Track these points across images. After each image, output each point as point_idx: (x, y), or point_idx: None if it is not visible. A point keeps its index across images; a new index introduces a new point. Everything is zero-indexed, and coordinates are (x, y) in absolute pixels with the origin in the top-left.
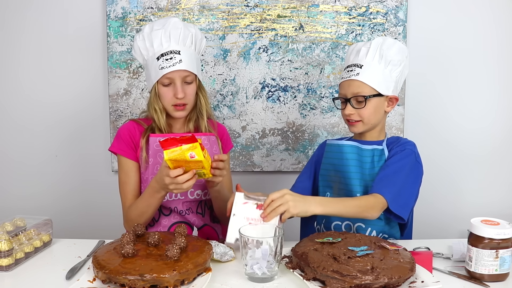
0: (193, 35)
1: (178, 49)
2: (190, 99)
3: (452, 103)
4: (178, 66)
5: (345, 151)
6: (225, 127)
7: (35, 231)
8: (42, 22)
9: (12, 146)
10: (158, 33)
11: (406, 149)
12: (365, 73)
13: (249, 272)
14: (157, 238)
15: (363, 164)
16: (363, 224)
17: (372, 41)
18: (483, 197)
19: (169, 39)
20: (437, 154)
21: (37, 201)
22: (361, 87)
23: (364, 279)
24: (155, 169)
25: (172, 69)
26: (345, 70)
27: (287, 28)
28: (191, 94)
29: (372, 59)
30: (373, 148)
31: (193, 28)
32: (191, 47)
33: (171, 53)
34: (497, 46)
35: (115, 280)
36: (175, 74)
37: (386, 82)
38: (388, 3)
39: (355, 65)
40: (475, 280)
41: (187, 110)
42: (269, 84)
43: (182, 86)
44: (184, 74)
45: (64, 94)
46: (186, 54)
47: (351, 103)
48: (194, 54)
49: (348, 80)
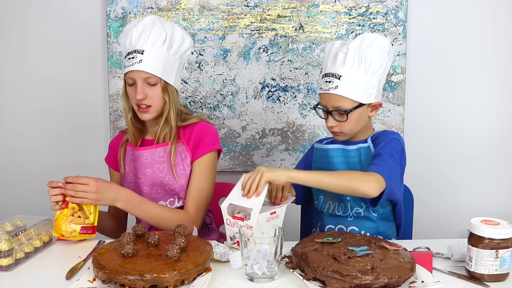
0: (168, 35)
1: (142, 48)
2: (154, 102)
3: (452, 103)
4: (136, 66)
5: (331, 155)
6: (209, 128)
7: (35, 231)
8: (42, 22)
9: (12, 146)
10: (130, 31)
11: (389, 137)
12: (344, 85)
13: (249, 272)
14: (157, 238)
15: (351, 165)
16: (356, 227)
17: (350, 44)
18: (483, 197)
19: (138, 38)
20: (437, 154)
21: (37, 201)
22: (341, 101)
23: (364, 279)
24: (129, 178)
25: (130, 68)
26: (323, 79)
27: (287, 28)
28: (155, 96)
29: (351, 67)
30: (359, 147)
31: (171, 28)
32: (162, 47)
33: (134, 52)
34: (497, 46)
35: (115, 280)
36: (135, 74)
37: (367, 90)
38: (388, 3)
39: (333, 75)
40: (475, 280)
41: (152, 113)
42: (269, 84)
43: (143, 87)
44: (145, 75)
45: (64, 94)
46: (151, 55)
47: (333, 116)
48: (165, 55)
49: (327, 93)
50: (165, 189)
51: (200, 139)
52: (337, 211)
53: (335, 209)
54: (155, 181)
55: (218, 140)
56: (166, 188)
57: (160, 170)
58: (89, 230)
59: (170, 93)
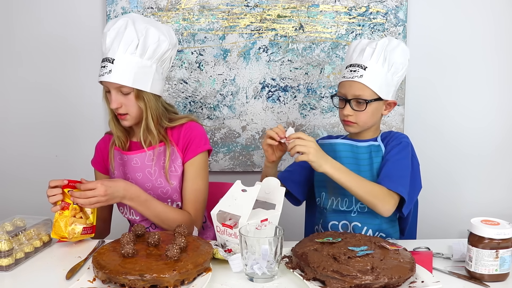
0: (141, 40)
1: (113, 57)
2: (130, 110)
3: (452, 103)
4: (106, 77)
5: (338, 149)
6: (197, 129)
7: (35, 231)
8: (42, 21)
9: (12, 146)
10: (105, 35)
11: (402, 142)
12: (369, 76)
13: (249, 272)
14: (157, 238)
15: (360, 161)
16: (359, 223)
17: (378, 41)
18: (483, 197)
19: (111, 43)
20: (437, 153)
21: (37, 201)
22: (363, 90)
23: (364, 279)
24: None
25: (100, 78)
26: (347, 68)
27: (287, 28)
28: (129, 105)
29: (377, 62)
30: (370, 144)
31: (144, 31)
32: (134, 54)
33: (106, 61)
34: (497, 46)
35: (115, 280)
36: (107, 84)
37: (387, 86)
38: (388, 3)
39: (359, 66)
40: (475, 280)
41: (130, 120)
42: (269, 84)
43: (117, 96)
44: (115, 85)
45: (64, 94)
46: (122, 63)
47: (351, 104)
48: (137, 62)
49: (350, 81)
50: (157, 192)
51: (189, 140)
52: (340, 206)
53: (339, 204)
54: (146, 185)
55: (208, 139)
56: (158, 191)
57: (151, 174)
58: (89, 230)
59: (146, 100)
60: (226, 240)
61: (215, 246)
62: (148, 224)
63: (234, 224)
